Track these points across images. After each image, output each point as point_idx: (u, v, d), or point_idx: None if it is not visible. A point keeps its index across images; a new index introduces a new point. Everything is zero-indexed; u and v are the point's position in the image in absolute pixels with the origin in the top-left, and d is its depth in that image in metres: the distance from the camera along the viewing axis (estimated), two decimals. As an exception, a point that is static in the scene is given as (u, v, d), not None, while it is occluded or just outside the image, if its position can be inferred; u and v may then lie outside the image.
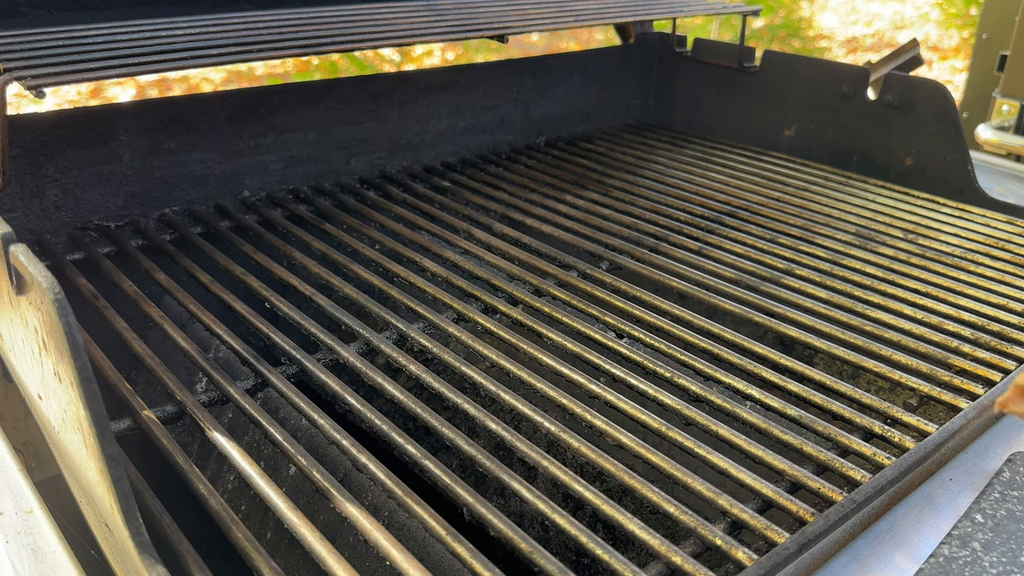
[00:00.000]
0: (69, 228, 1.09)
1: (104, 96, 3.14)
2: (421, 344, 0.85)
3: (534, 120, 1.57)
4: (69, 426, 0.56)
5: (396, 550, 0.57)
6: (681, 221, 1.20)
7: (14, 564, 0.60)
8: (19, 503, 0.65)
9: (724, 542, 0.59)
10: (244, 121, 1.25)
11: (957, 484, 0.67)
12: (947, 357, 0.83)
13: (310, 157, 1.31)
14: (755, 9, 1.47)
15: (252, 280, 0.97)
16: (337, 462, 0.71)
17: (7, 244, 0.56)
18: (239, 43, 0.95)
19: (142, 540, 0.51)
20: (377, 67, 3.51)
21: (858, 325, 0.89)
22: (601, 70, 1.65)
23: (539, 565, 0.56)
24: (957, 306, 0.93)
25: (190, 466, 0.65)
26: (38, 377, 0.61)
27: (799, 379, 0.80)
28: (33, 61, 0.84)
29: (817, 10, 5.61)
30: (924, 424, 0.72)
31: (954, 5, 5.36)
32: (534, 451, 0.68)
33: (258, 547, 0.57)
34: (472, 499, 0.62)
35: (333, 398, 0.77)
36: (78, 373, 0.49)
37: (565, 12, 1.23)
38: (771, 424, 0.72)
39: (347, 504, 0.61)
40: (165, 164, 1.18)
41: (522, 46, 3.42)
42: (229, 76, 3.38)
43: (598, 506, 0.62)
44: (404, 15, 1.14)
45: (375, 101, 1.37)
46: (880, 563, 0.59)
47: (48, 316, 0.51)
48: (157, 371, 0.78)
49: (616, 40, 1.74)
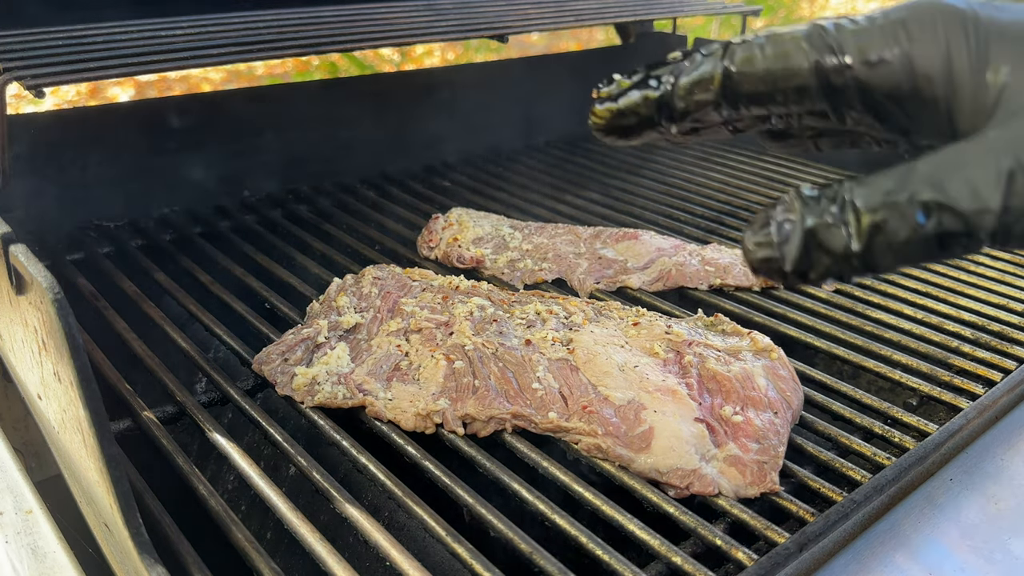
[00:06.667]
0: (69, 228, 1.09)
1: (103, 96, 3.14)
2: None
3: (534, 120, 1.57)
4: (69, 426, 0.55)
5: (396, 550, 0.57)
6: (681, 221, 1.20)
7: (14, 564, 0.60)
8: (19, 503, 0.65)
9: (724, 542, 0.59)
10: (244, 121, 1.25)
11: (957, 484, 0.67)
12: (947, 357, 0.83)
13: (310, 157, 1.31)
14: (755, 9, 1.47)
15: (252, 280, 0.97)
16: (337, 463, 0.71)
17: (7, 244, 0.56)
18: (239, 43, 0.95)
19: (142, 540, 0.51)
20: (377, 67, 3.51)
21: (858, 325, 0.89)
22: (601, 70, 1.64)
23: (539, 565, 0.56)
24: (957, 306, 0.93)
25: (190, 466, 0.65)
26: (38, 377, 0.61)
27: (799, 379, 0.80)
28: (32, 61, 0.84)
29: (817, 10, 5.61)
30: (924, 424, 0.72)
31: (954, 5, 5.35)
32: (534, 451, 0.68)
33: (258, 547, 0.57)
34: (472, 500, 0.62)
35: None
36: (78, 373, 0.49)
37: (565, 12, 1.23)
38: (771, 424, 0.72)
39: (347, 504, 0.61)
40: (165, 164, 1.18)
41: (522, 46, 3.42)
42: (229, 76, 3.38)
43: (598, 506, 0.62)
44: (404, 15, 1.14)
45: (375, 101, 1.37)
46: (880, 563, 0.59)
47: (48, 316, 0.51)
48: (157, 371, 0.78)
49: (616, 40, 1.74)
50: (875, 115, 0.38)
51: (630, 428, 0.68)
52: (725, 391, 0.73)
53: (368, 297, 0.88)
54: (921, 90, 0.37)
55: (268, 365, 0.77)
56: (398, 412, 0.71)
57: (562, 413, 0.70)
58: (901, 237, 0.35)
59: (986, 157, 0.35)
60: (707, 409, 0.71)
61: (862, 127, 0.40)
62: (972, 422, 0.71)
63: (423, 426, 0.70)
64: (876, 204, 0.35)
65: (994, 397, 0.74)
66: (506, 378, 0.74)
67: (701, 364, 0.76)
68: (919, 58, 0.37)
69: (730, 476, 0.65)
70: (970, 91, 0.36)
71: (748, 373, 0.75)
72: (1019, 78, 0.36)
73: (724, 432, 0.69)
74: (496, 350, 0.77)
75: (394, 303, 0.86)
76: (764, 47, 0.38)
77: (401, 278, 0.92)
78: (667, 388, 0.72)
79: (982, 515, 0.64)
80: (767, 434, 0.68)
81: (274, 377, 0.76)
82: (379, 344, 0.80)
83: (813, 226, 0.36)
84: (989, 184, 0.34)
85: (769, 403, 0.72)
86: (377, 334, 0.82)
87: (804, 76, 0.38)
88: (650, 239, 1.06)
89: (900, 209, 0.35)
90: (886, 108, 0.38)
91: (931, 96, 0.37)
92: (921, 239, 0.35)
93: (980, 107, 0.36)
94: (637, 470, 0.66)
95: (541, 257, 1.03)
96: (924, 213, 0.35)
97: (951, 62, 0.36)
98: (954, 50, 0.36)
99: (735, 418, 0.70)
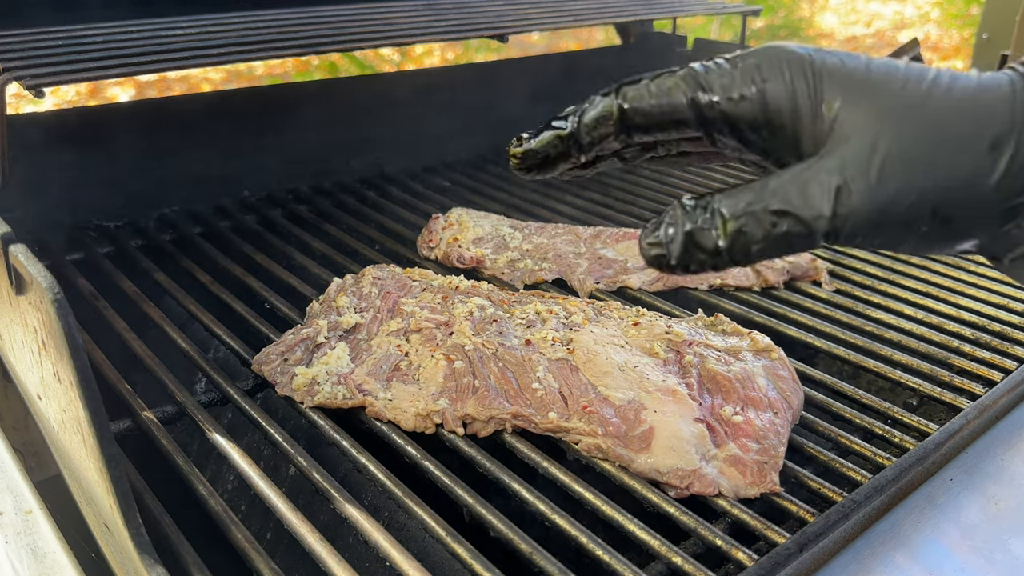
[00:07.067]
0: (69, 228, 1.09)
1: (103, 96, 3.14)
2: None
3: (534, 120, 1.57)
4: (69, 426, 0.55)
5: (396, 550, 0.57)
6: (681, 221, 1.20)
7: (14, 564, 0.60)
8: (19, 503, 0.65)
9: (724, 542, 0.59)
10: (244, 121, 1.25)
11: (958, 484, 0.67)
12: (947, 357, 0.83)
13: (310, 157, 1.31)
14: (755, 9, 1.47)
15: (252, 280, 0.97)
16: (337, 463, 0.71)
17: (7, 244, 0.56)
18: (239, 43, 0.95)
19: (142, 540, 0.51)
20: (377, 67, 3.52)
21: (858, 325, 0.89)
22: (601, 70, 1.64)
23: (539, 565, 0.56)
24: (957, 306, 0.93)
25: (190, 466, 0.65)
26: (38, 377, 0.61)
27: (799, 379, 0.80)
28: (32, 61, 0.84)
29: (817, 10, 5.61)
30: (924, 424, 0.72)
31: (954, 5, 5.36)
32: (534, 451, 0.68)
33: (258, 548, 0.57)
34: (472, 500, 0.62)
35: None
36: (78, 373, 0.48)
37: (565, 12, 1.23)
38: (771, 424, 0.72)
39: (347, 505, 0.61)
40: (165, 164, 1.18)
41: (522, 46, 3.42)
42: (228, 76, 3.38)
43: (598, 506, 0.62)
44: (404, 15, 1.14)
45: (375, 101, 1.37)
46: (880, 563, 0.59)
47: (47, 316, 0.51)
48: (157, 371, 0.78)
49: (616, 40, 1.74)
50: (739, 140, 0.48)
51: (630, 428, 0.68)
52: (725, 391, 0.73)
53: (368, 297, 0.88)
54: (773, 121, 0.46)
55: (268, 365, 0.77)
56: (398, 412, 0.71)
57: (562, 413, 0.70)
58: (758, 237, 0.45)
59: (820, 176, 0.44)
60: (707, 409, 0.71)
61: (729, 150, 0.49)
62: (972, 422, 0.71)
63: (423, 426, 0.70)
64: (738, 212, 0.45)
65: (994, 397, 0.74)
66: (506, 378, 0.74)
67: (701, 364, 0.76)
68: (771, 95, 0.46)
69: (730, 476, 0.65)
70: (809, 121, 0.45)
71: (748, 373, 0.75)
72: (847, 111, 0.45)
73: (724, 432, 0.69)
74: (496, 350, 0.77)
75: (394, 303, 0.86)
76: (650, 87, 0.48)
77: (401, 278, 0.92)
78: (667, 388, 0.72)
79: (982, 515, 0.64)
80: (767, 434, 0.68)
81: (274, 377, 0.76)
82: (379, 344, 0.80)
83: (690, 230, 0.46)
84: (822, 197, 0.44)
85: (769, 403, 0.72)
86: (377, 334, 0.82)
87: (682, 110, 0.47)
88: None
89: (757, 216, 0.45)
90: (748, 135, 0.47)
91: (781, 125, 0.46)
92: (772, 238, 0.45)
93: (818, 134, 0.45)
94: (637, 470, 0.66)
95: (541, 257, 1.03)
96: (775, 219, 0.44)
97: (795, 98, 0.45)
98: (797, 89, 0.45)
99: (735, 418, 0.70)
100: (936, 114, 0.44)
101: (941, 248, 0.47)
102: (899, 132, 0.44)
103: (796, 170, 0.45)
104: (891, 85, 0.45)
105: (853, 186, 0.44)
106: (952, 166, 0.44)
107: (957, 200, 0.44)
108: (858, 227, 0.44)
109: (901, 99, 0.45)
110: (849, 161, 0.44)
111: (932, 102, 0.45)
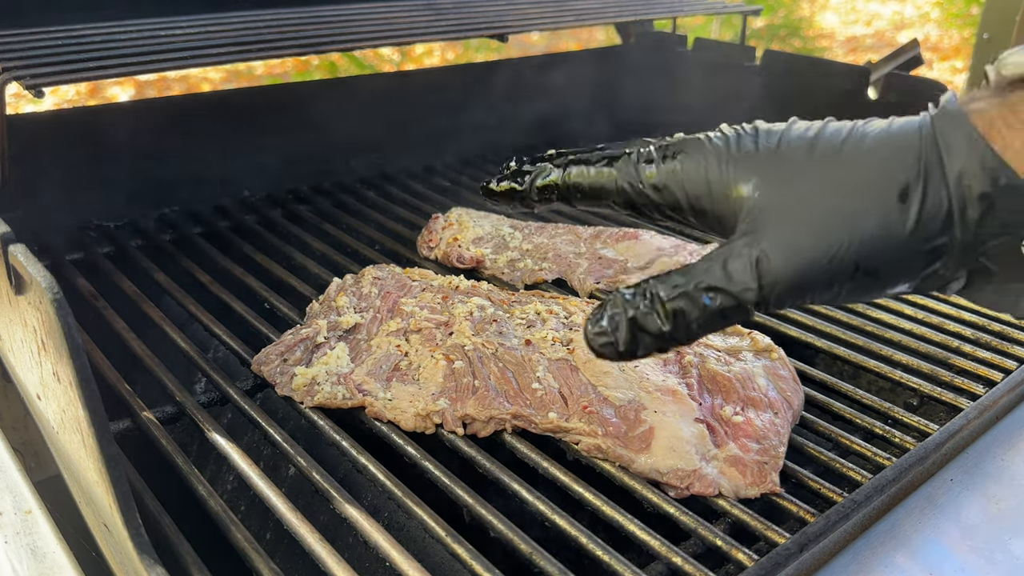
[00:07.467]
0: (69, 228, 1.09)
1: (103, 96, 3.14)
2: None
3: (534, 120, 1.57)
4: (68, 426, 0.55)
5: (396, 551, 0.57)
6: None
7: (13, 564, 0.60)
8: (19, 503, 0.65)
9: (724, 543, 0.59)
10: (244, 121, 1.25)
11: (958, 485, 0.67)
12: (948, 357, 0.83)
13: (310, 157, 1.31)
14: (755, 9, 1.47)
15: (252, 280, 0.97)
16: (337, 463, 0.71)
17: (6, 244, 0.56)
18: (238, 43, 0.95)
19: (141, 540, 0.51)
20: (377, 67, 3.52)
21: (858, 325, 0.89)
22: (601, 70, 1.64)
23: (539, 566, 0.56)
24: (958, 306, 0.93)
25: (189, 467, 0.64)
26: (37, 377, 0.61)
27: (799, 379, 0.80)
28: (32, 60, 0.84)
29: (817, 10, 5.61)
30: (925, 424, 0.72)
31: (954, 5, 5.35)
32: (534, 452, 0.68)
33: (258, 548, 0.57)
34: (472, 500, 0.62)
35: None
36: (77, 373, 0.48)
37: (565, 12, 1.23)
38: (771, 424, 0.72)
39: (347, 505, 0.61)
40: (165, 164, 1.18)
41: (522, 46, 3.42)
42: (228, 76, 3.38)
43: (598, 507, 0.62)
44: (404, 14, 1.14)
45: (375, 101, 1.37)
46: (881, 563, 0.59)
47: (47, 316, 0.51)
48: (156, 371, 0.77)
49: (616, 40, 1.74)
50: (670, 219, 0.54)
51: (630, 428, 0.68)
52: (725, 391, 0.73)
53: (368, 297, 0.87)
54: (694, 206, 0.52)
55: (267, 365, 0.77)
56: (398, 412, 0.71)
57: (562, 413, 0.70)
58: (694, 315, 0.49)
59: (741, 251, 0.48)
60: (707, 409, 0.71)
61: (664, 223, 0.56)
62: (972, 422, 0.71)
63: (423, 426, 0.70)
64: (673, 295, 0.49)
65: (994, 397, 0.74)
66: (506, 378, 0.74)
67: (701, 364, 0.76)
68: (689, 184, 0.51)
69: (730, 476, 0.65)
70: (724, 204, 0.50)
71: (748, 373, 0.75)
72: (761, 189, 0.49)
73: (724, 432, 0.69)
74: (496, 350, 0.77)
75: (394, 303, 0.86)
76: (590, 170, 0.55)
77: (401, 278, 0.92)
78: (667, 388, 0.72)
79: (982, 515, 0.64)
80: (767, 434, 0.68)
81: (273, 377, 0.76)
82: (379, 344, 0.80)
83: (633, 316, 0.50)
84: (744, 270, 0.47)
85: (769, 403, 0.72)
86: (377, 334, 0.82)
87: (614, 194, 0.54)
88: (650, 239, 1.06)
89: (690, 296, 0.48)
90: (676, 216, 0.53)
91: (702, 209, 0.52)
92: (708, 315, 0.49)
93: (733, 214, 0.50)
94: (637, 470, 0.66)
95: (541, 257, 1.03)
96: (708, 296, 0.48)
97: (710, 186, 0.51)
98: (711, 177, 0.51)
99: (735, 418, 0.70)
100: (846, 172, 0.47)
101: (877, 296, 0.51)
102: (809, 196, 0.47)
103: (721, 250, 0.49)
104: (798, 154, 0.49)
105: (772, 255, 0.47)
106: (865, 217, 0.46)
107: (877, 251, 0.46)
108: (784, 293, 0.47)
109: (809, 164, 0.48)
110: (764, 234, 0.47)
111: (843, 160, 0.48)
